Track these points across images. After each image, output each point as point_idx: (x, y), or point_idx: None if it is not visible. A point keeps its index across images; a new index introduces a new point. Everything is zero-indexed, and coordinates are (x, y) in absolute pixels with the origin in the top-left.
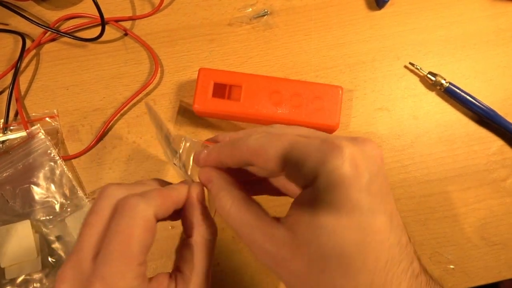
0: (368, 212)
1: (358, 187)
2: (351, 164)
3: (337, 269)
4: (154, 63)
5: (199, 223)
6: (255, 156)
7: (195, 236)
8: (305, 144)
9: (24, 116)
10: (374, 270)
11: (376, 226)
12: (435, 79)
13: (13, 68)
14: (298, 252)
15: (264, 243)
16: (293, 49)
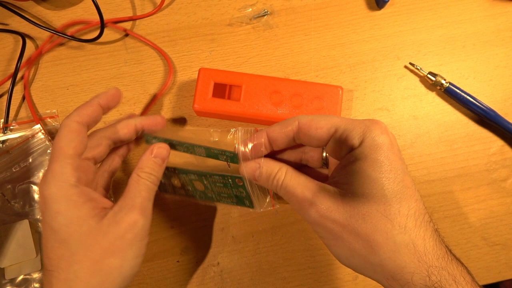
0: (401, 171)
1: (394, 151)
2: (387, 134)
3: (377, 212)
4: (167, 62)
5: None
6: (307, 128)
7: (134, 171)
8: (350, 119)
9: (33, 108)
10: (407, 216)
11: (407, 182)
12: (435, 79)
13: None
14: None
15: (313, 199)
16: (293, 49)
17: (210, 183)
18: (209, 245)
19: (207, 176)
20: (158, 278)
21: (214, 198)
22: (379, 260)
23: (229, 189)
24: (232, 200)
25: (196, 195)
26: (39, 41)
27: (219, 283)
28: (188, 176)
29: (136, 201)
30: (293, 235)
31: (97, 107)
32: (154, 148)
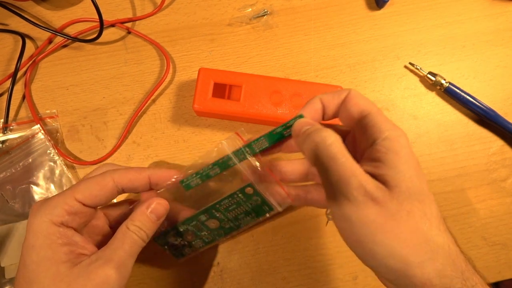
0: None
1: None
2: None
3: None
4: (166, 59)
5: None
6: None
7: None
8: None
9: (33, 108)
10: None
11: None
12: (435, 79)
13: (15, 69)
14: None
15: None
16: (293, 49)
17: (222, 212)
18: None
19: (216, 207)
20: (158, 278)
21: (234, 227)
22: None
23: (243, 205)
24: (251, 217)
25: (215, 237)
26: (39, 41)
27: (219, 283)
28: (198, 220)
29: (116, 254)
30: (293, 235)
31: (144, 177)
32: (152, 203)
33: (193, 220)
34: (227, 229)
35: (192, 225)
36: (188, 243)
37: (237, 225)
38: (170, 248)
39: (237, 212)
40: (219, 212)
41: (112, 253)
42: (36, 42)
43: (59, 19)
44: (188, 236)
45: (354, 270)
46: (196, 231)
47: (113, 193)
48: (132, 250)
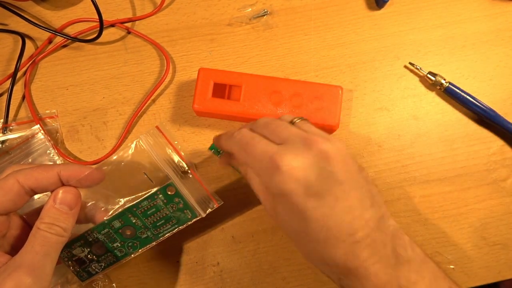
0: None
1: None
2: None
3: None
4: (165, 59)
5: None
6: None
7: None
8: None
9: (33, 108)
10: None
11: None
12: (435, 79)
13: (14, 69)
14: None
15: None
16: (293, 49)
17: (140, 217)
18: (209, 245)
19: (132, 210)
20: (158, 278)
21: (151, 236)
22: None
23: (164, 209)
24: (172, 223)
25: (129, 250)
26: (39, 41)
27: (219, 283)
28: (111, 227)
29: (26, 258)
30: None
31: (52, 175)
32: (58, 193)
33: (105, 227)
34: (143, 240)
35: (103, 233)
36: (96, 258)
37: (156, 234)
38: (74, 264)
39: (156, 217)
40: (136, 217)
41: (23, 258)
42: (36, 42)
43: (59, 19)
44: (97, 249)
45: None
46: (107, 242)
47: (20, 196)
48: (46, 249)
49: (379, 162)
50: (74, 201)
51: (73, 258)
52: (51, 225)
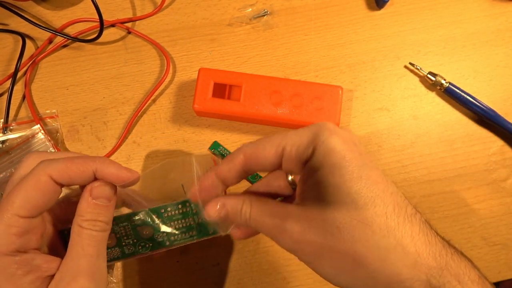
0: (364, 167)
1: (350, 149)
2: (337, 133)
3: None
4: (166, 59)
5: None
6: (254, 157)
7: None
8: (295, 132)
9: (33, 108)
10: (385, 215)
11: (374, 177)
12: (435, 79)
13: (15, 69)
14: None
15: (283, 226)
16: (293, 49)
17: (164, 220)
18: (209, 245)
19: (160, 211)
20: (158, 278)
21: (166, 242)
22: (367, 273)
23: (191, 218)
24: (190, 235)
25: (138, 250)
26: (39, 41)
27: (219, 283)
28: (131, 222)
29: (81, 262)
30: None
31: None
32: (92, 187)
33: (125, 220)
34: (157, 243)
35: (121, 225)
36: None
37: (171, 241)
38: None
39: (180, 224)
40: (160, 218)
41: (77, 264)
42: (36, 42)
43: (59, 19)
44: (108, 240)
45: None
46: (121, 236)
47: (56, 192)
48: (97, 249)
49: (379, 162)
50: (110, 193)
51: None
52: (93, 221)
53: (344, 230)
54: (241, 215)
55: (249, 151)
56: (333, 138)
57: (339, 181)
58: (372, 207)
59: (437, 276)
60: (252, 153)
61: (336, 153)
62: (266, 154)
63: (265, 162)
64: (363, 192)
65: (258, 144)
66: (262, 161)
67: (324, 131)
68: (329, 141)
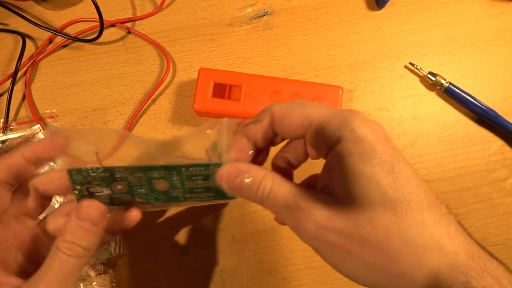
0: (396, 161)
1: (381, 141)
2: (368, 124)
3: (385, 213)
4: (166, 59)
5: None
6: (280, 120)
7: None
8: (326, 110)
9: (33, 108)
10: (421, 210)
11: (407, 172)
12: (435, 79)
13: (15, 69)
14: (343, 209)
15: (309, 209)
16: (293, 49)
17: (183, 178)
18: (209, 245)
19: (180, 170)
20: (158, 278)
21: (180, 197)
22: (402, 270)
23: (211, 180)
24: (207, 196)
25: (149, 200)
26: (39, 41)
27: (219, 283)
28: (148, 174)
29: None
30: (293, 235)
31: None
32: (81, 208)
33: (142, 171)
34: (170, 197)
35: (136, 175)
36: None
37: (185, 197)
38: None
39: (198, 184)
40: (179, 176)
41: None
42: (36, 42)
43: (59, 19)
44: (119, 185)
45: None
46: (134, 185)
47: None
48: (63, 275)
49: None
50: (98, 217)
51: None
52: (71, 244)
53: (378, 223)
54: (259, 189)
55: (276, 113)
56: (364, 127)
57: (370, 172)
58: (407, 202)
59: (477, 277)
60: (280, 115)
61: (367, 143)
62: (291, 120)
63: (290, 128)
64: (395, 186)
65: (286, 108)
66: (286, 127)
67: (355, 119)
68: (360, 129)
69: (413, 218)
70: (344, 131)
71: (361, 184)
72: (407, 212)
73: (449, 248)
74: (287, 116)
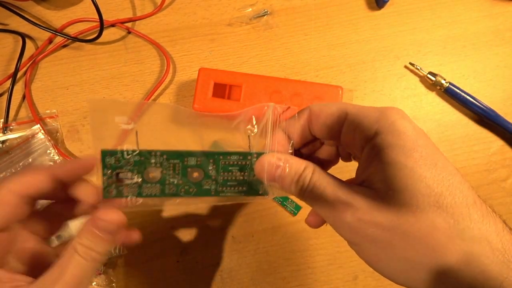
0: (438, 155)
1: (421, 136)
2: (408, 118)
3: (430, 206)
4: (166, 59)
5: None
6: (317, 115)
7: (73, 242)
8: (363, 106)
9: (33, 108)
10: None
11: (450, 168)
12: (435, 79)
13: (15, 69)
14: (384, 202)
15: (349, 200)
16: (293, 49)
17: (219, 168)
18: (209, 245)
19: (218, 158)
20: (158, 278)
21: (212, 190)
22: (449, 266)
23: (247, 172)
24: (240, 189)
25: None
26: (39, 41)
27: (219, 283)
28: (184, 161)
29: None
30: (293, 235)
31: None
32: (99, 217)
33: (178, 157)
34: (202, 190)
35: (172, 162)
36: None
37: (217, 191)
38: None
39: (233, 176)
40: (215, 164)
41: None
42: (36, 42)
43: (59, 19)
44: (151, 173)
45: (354, 270)
46: (167, 172)
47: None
48: (80, 277)
49: None
50: (113, 229)
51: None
52: (88, 249)
53: (423, 216)
54: (300, 179)
55: (315, 108)
56: (404, 121)
57: (413, 164)
58: (451, 196)
59: None
60: (317, 110)
61: (408, 136)
62: (329, 113)
63: (326, 122)
64: (440, 180)
65: (325, 104)
66: (323, 121)
67: (393, 113)
68: (400, 122)
69: (460, 213)
70: (384, 123)
71: (403, 176)
72: (453, 206)
73: (498, 245)
74: (324, 110)
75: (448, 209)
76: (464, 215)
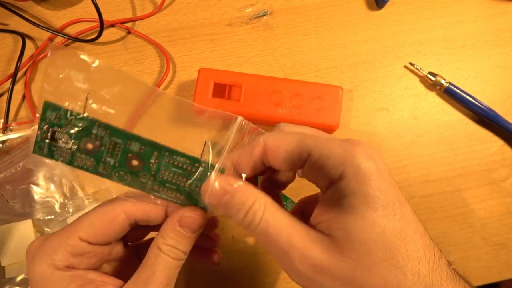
0: (398, 202)
1: (383, 179)
2: (373, 158)
3: (384, 262)
4: (166, 59)
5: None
6: (274, 149)
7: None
8: (325, 141)
9: (33, 108)
10: (418, 259)
11: (408, 215)
12: (435, 79)
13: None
14: (342, 254)
15: (304, 249)
16: (293, 49)
17: (161, 164)
18: None
19: (164, 153)
20: None
21: (146, 186)
22: None
23: (190, 180)
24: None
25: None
26: (39, 41)
27: (219, 283)
28: (127, 144)
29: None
30: None
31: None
32: (183, 215)
33: (123, 137)
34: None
35: (113, 140)
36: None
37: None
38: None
39: (173, 178)
40: (159, 160)
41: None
42: (36, 42)
43: (59, 19)
44: (89, 144)
45: None
46: (105, 149)
47: (124, 227)
48: (168, 278)
49: None
50: (198, 226)
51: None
52: (173, 248)
53: (377, 271)
54: (248, 213)
55: (270, 142)
56: (369, 164)
57: (374, 216)
58: (405, 250)
59: None
60: (273, 145)
61: (372, 182)
62: (288, 148)
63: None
64: (397, 232)
65: (281, 137)
66: (282, 156)
67: (360, 154)
68: (365, 164)
69: (410, 269)
70: (348, 167)
71: (363, 230)
72: (405, 260)
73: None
74: (282, 146)
75: (400, 264)
76: (414, 272)
